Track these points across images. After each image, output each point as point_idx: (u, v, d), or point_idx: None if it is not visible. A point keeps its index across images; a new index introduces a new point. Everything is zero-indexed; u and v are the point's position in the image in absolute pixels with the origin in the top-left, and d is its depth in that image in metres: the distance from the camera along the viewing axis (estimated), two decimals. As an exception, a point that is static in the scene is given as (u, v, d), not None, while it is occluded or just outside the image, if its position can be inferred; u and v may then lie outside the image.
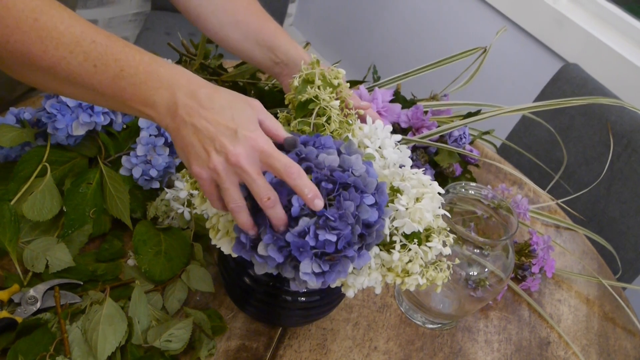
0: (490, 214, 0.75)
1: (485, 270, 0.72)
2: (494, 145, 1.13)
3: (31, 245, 0.68)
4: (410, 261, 0.55)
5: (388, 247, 0.56)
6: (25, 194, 0.68)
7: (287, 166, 0.49)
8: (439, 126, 0.90)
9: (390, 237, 0.56)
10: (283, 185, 0.50)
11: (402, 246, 0.56)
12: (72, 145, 0.74)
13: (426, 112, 0.91)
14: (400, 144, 0.62)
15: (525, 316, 0.84)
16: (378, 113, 0.88)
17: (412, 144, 0.89)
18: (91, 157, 0.76)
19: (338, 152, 0.52)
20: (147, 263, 0.69)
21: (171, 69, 0.52)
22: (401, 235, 0.56)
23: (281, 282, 0.62)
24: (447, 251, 0.57)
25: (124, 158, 0.75)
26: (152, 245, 0.71)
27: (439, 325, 0.78)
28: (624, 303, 0.91)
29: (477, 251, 0.71)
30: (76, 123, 0.72)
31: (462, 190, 0.75)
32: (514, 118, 1.40)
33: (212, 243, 0.57)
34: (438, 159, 0.90)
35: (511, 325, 0.82)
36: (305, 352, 0.70)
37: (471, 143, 0.97)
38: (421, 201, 0.55)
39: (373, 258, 0.55)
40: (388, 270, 0.56)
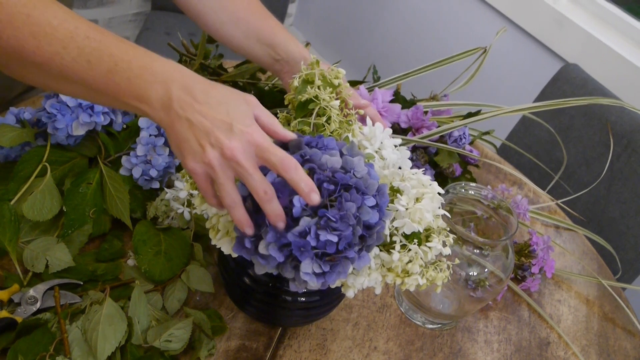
0: (490, 214, 0.75)
1: (485, 270, 0.72)
2: (494, 145, 1.13)
3: (31, 245, 0.68)
4: (410, 261, 0.55)
5: (388, 248, 0.56)
6: (25, 194, 0.68)
7: (284, 160, 0.49)
8: (439, 126, 0.90)
9: (390, 238, 0.56)
10: (284, 185, 0.50)
11: (402, 246, 0.56)
12: (72, 145, 0.74)
13: (426, 113, 0.91)
14: (400, 146, 0.62)
15: (525, 316, 0.84)
16: (378, 113, 0.88)
17: (412, 144, 0.89)
18: (91, 157, 0.76)
19: (340, 154, 0.52)
20: (147, 263, 0.69)
21: (165, 64, 0.51)
22: (401, 235, 0.56)
23: (281, 282, 0.62)
24: (447, 251, 0.57)
25: (124, 158, 0.75)
26: (152, 245, 0.71)
27: (439, 325, 0.78)
28: (624, 303, 0.91)
29: (477, 251, 0.71)
30: (76, 123, 0.72)
31: (462, 190, 0.75)
32: (514, 118, 1.40)
33: (212, 243, 0.57)
34: (438, 159, 0.90)
35: (511, 325, 0.82)
36: (305, 352, 0.70)
37: (471, 143, 0.97)
38: (421, 201, 0.55)
39: (373, 258, 0.55)
40: (388, 270, 0.56)
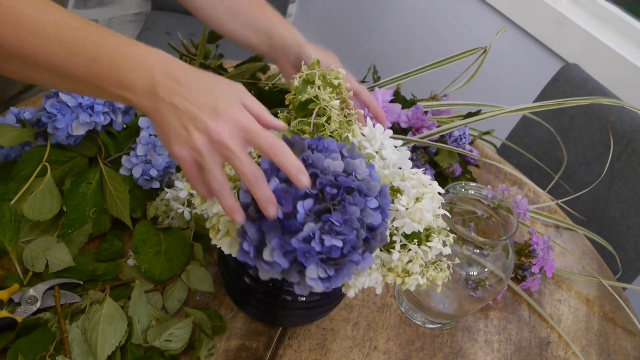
0: (490, 214, 0.75)
1: (485, 270, 0.72)
2: (494, 145, 1.13)
3: (31, 244, 0.68)
4: (410, 261, 0.55)
5: (388, 247, 0.56)
6: (25, 194, 0.68)
7: (272, 144, 0.48)
8: (439, 126, 0.90)
9: (390, 237, 0.56)
10: (288, 191, 0.49)
11: (402, 246, 0.56)
12: (72, 145, 0.74)
13: (426, 112, 0.91)
14: (400, 146, 0.62)
15: (525, 316, 0.84)
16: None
17: (412, 144, 0.89)
18: (91, 157, 0.76)
19: (341, 156, 0.52)
20: (147, 263, 0.69)
21: (148, 51, 0.51)
22: (401, 235, 0.56)
23: (281, 282, 0.62)
24: (447, 251, 0.57)
25: (124, 158, 0.75)
26: (152, 245, 0.71)
27: (439, 325, 0.78)
28: (624, 303, 0.91)
29: (477, 251, 0.71)
30: (76, 123, 0.72)
31: (462, 190, 0.75)
32: (514, 118, 1.40)
33: (212, 243, 0.57)
34: (438, 159, 0.90)
35: (511, 325, 0.82)
36: (305, 352, 0.70)
37: (471, 143, 0.97)
38: (421, 201, 0.55)
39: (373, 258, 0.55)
40: (388, 270, 0.56)
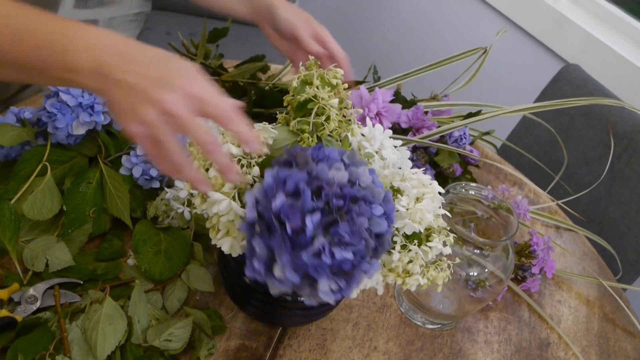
0: (490, 215, 0.75)
1: (485, 270, 0.72)
2: (494, 145, 1.13)
3: (31, 244, 0.68)
4: (410, 262, 0.55)
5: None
6: (25, 193, 0.68)
7: (225, 112, 0.48)
8: (440, 126, 0.90)
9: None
10: (294, 206, 0.48)
11: (403, 247, 0.56)
12: (72, 144, 0.74)
13: (426, 113, 0.91)
14: (399, 147, 0.62)
15: (525, 317, 0.84)
16: (379, 113, 0.88)
17: (413, 144, 0.89)
18: (91, 157, 0.76)
19: (343, 164, 0.51)
20: (147, 262, 0.69)
21: (94, 32, 0.50)
22: (402, 236, 0.56)
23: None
24: (448, 251, 0.57)
25: (124, 157, 0.75)
26: (152, 244, 0.71)
27: (439, 325, 0.78)
28: (624, 304, 0.91)
29: (477, 252, 0.71)
30: (76, 122, 0.72)
31: (463, 190, 0.75)
32: (515, 119, 1.40)
33: (212, 243, 0.57)
34: (438, 160, 0.90)
35: (511, 326, 0.82)
36: (305, 352, 0.70)
37: (471, 143, 0.97)
38: (422, 201, 0.55)
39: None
40: (389, 270, 0.56)
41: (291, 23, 0.76)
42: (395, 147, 0.61)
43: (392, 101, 0.92)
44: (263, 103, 0.91)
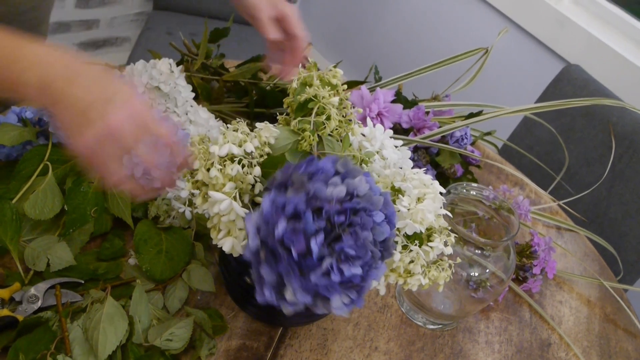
0: (491, 215, 0.75)
1: (486, 271, 0.72)
2: (496, 146, 1.13)
3: (32, 243, 0.68)
4: (412, 262, 0.55)
5: (389, 248, 0.56)
6: (26, 193, 0.68)
7: (166, 132, 0.49)
8: (441, 127, 0.90)
9: (391, 238, 0.56)
10: (297, 229, 0.47)
11: (404, 247, 0.56)
12: (74, 144, 0.75)
13: (428, 113, 0.91)
14: (400, 147, 0.62)
15: (526, 317, 0.84)
16: (380, 113, 0.88)
17: (414, 145, 0.89)
18: (93, 156, 0.76)
19: (336, 173, 0.50)
20: (148, 262, 0.69)
21: (40, 49, 0.51)
22: (403, 236, 0.56)
23: (282, 282, 0.62)
24: (449, 251, 0.57)
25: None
26: (153, 244, 0.71)
27: (440, 325, 0.78)
28: (625, 305, 0.91)
29: (478, 252, 0.71)
30: (78, 122, 0.72)
31: (464, 191, 0.75)
32: (516, 119, 1.40)
33: (214, 242, 0.57)
34: (439, 160, 0.90)
35: (512, 326, 0.82)
36: (305, 352, 0.70)
37: (473, 144, 0.97)
38: (423, 202, 0.55)
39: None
40: (390, 271, 0.56)
41: (253, 5, 0.75)
42: (396, 147, 0.61)
43: (394, 101, 0.92)
44: (264, 103, 0.91)
